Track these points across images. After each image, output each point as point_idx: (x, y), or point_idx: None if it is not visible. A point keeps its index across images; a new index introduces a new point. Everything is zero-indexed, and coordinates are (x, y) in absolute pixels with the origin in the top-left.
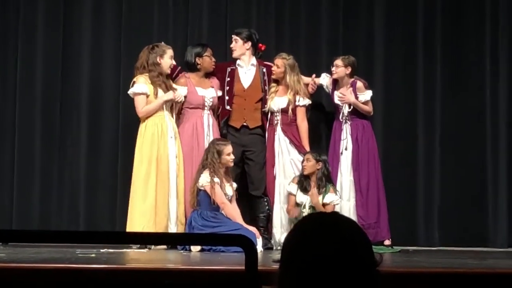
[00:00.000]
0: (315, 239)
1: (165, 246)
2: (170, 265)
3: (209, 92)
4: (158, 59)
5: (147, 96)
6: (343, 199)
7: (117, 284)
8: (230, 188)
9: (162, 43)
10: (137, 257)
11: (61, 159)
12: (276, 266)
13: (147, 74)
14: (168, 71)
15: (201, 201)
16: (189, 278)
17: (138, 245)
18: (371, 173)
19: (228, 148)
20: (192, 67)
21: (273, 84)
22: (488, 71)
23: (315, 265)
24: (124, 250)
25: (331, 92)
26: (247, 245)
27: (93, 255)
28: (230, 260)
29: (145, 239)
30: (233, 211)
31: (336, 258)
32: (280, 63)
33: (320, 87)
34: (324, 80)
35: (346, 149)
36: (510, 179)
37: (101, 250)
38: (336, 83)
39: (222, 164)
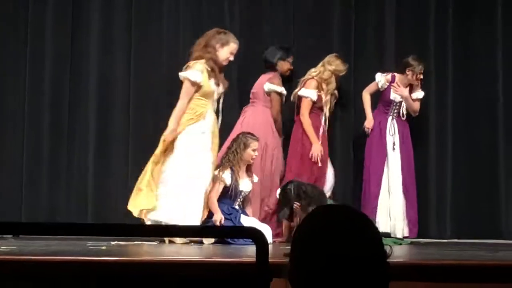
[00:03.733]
0: (326, 234)
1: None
2: (181, 257)
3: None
4: (218, 46)
5: (199, 86)
6: (392, 194)
7: (128, 277)
8: (249, 183)
9: (231, 34)
10: (148, 250)
11: (69, 153)
12: (287, 259)
13: (203, 60)
14: (223, 64)
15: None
16: (200, 270)
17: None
18: (411, 171)
19: (255, 144)
20: (270, 67)
21: None
22: (500, 62)
23: (326, 259)
24: (135, 242)
25: (387, 87)
26: (258, 237)
27: (103, 248)
28: (241, 252)
29: (154, 232)
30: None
31: (348, 252)
32: None
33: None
34: (381, 80)
35: (394, 144)
36: None
37: (112, 243)
38: (394, 79)
39: (244, 157)
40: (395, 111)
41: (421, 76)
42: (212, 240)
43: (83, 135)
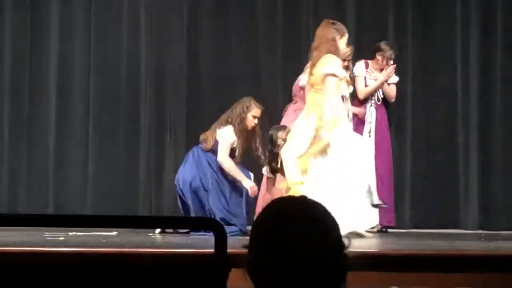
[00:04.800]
0: (282, 226)
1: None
2: (137, 248)
3: None
4: (338, 38)
5: (340, 79)
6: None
7: (87, 267)
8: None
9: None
10: (105, 240)
11: (30, 142)
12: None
13: (331, 54)
14: (342, 57)
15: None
16: (156, 260)
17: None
18: (388, 158)
19: (257, 111)
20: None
21: None
22: (459, 58)
23: (283, 251)
24: (93, 233)
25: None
26: (217, 228)
27: (61, 238)
28: (199, 243)
29: (113, 223)
30: (231, 169)
31: (305, 242)
32: None
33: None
34: (358, 70)
35: (370, 131)
36: (481, 162)
37: (70, 233)
38: (367, 65)
39: (245, 121)
40: (373, 97)
41: (391, 62)
42: None
43: (43, 123)
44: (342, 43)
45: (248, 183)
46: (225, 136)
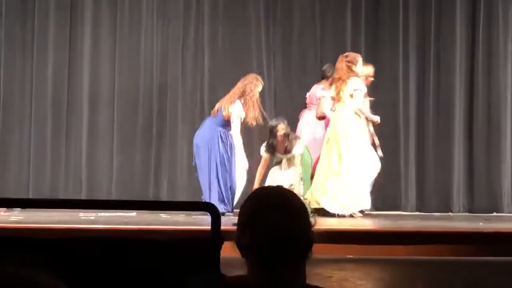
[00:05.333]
0: (261, 209)
1: None
2: (148, 225)
3: None
4: (353, 67)
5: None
6: None
7: (111, 240)
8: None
9: None
10: (126, 220)
11: (67, 144)
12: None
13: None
14: (366, 76)
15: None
16: (164, 235)
17: None
18: None
19: (260, 87)
20: (324, 77)
21: None
22: (401, 53)
23: (263, 229)
24: (118, 213)
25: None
26: (212, 210)
27: (92, 218)
28: (199, 222)
29: (102, 205)
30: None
31: (279, 222)
32: None
33: None
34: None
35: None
36: (419, 149)
37: (99, 214)
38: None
39: (252, 97)
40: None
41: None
42: None
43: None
44: (359, 67)
45: (244, 160)
46: (236, 112)
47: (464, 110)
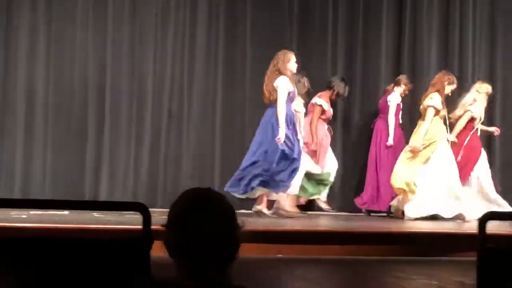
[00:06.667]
0: (190, 209)
1: None
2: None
3: None
4: (445, 84)
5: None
6: None
7: (43, 239)
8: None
9: None
10: (57, 218)
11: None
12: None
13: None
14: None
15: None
16: (93, 234)
17: None
18: None
19: (294, 57)
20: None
21: None
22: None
23: (191, 229)
24: (51, 212)
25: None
26: (143, 210)
27: (24, 216)
28: (131, 221)
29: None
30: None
31: (207, 223)
32: None
33: None
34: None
35: None
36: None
37: (31, 212)
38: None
39: (291, 69)
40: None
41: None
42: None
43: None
44: (448, 88)
45: (281, 133)
46: (282, 85)
47: None
